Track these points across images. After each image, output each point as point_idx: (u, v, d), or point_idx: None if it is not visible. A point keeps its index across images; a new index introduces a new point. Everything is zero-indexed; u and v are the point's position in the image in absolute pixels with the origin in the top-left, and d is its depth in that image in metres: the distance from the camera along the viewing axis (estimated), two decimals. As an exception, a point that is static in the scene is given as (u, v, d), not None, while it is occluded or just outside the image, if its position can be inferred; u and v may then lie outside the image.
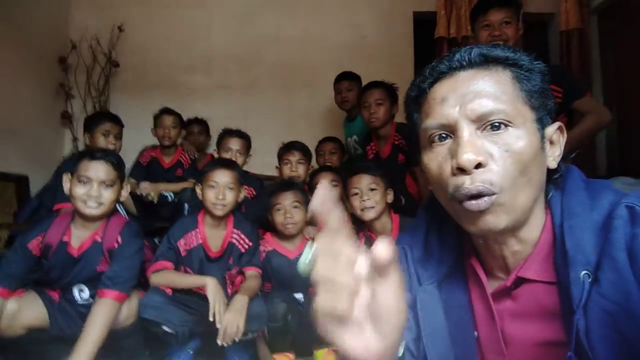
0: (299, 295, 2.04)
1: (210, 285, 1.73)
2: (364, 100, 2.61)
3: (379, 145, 2.68)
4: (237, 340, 1.67)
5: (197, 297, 1.83)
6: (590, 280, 0.58)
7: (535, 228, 0.67)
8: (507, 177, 0.61)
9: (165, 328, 1.78)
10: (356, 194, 1.93)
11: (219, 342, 1.64)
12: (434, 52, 3.48)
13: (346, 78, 3.00)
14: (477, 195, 0.62)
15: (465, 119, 0.63)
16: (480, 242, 0.72)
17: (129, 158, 2.98)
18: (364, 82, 3.03)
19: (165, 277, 1.85)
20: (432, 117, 0.67)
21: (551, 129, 0.67)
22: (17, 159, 2.76)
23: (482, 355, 0.72)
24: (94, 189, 1.67)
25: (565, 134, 0.70)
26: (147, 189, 2.55)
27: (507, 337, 0.69)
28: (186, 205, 2.54)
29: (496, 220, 0.62)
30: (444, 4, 3.53)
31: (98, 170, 1.68)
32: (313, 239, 2.10)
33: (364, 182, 1.92)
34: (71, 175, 1.72)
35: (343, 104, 3.03)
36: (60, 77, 3.46)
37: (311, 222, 2.18)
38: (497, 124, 0.62)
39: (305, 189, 2.25)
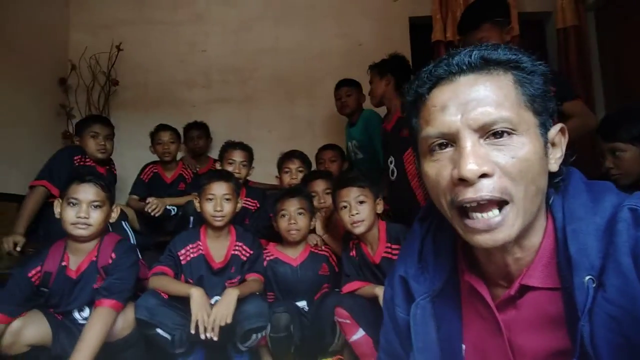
0: (302, 304, 2.03)
1: (195, 296, 1.74)
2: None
3: (387, 120, 2.68)
4: (224, 324, 1.68)
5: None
6: (594, 285, 0.57)
7: (537, 234, 0.66)
8: (518, 185, 0.60)
9: (160, 331, 1.79)
10: (345, 207, 1.87)
11: (209, 335, 1.66)
12: (432, 56, 3.46)
13: (345, 84, 3.05)
14: (484, 207, 0.60)
15: (468, 128, 0.61)
16: (481, 252, 0.70)
17: (130, 174, 3.01)
18: (364, 89, 3.05)
19: (161, 280, 1.87)
20: (432, 126, 0.65)
21: (553, 131, 0.66)
22: (18, 179, 2.77)
23: None
24: (82, 210, 1.71)
25: (567, 136, 0.68)
26: (155, 204, 2.54)
27: (515, 348, 0.67)
28: (192, 218, 2.53)
29: (505, 235, 0.61)
30: (439, 8, 3.52)
31: (87, 192, 1.73)
32: (317, 248, 2.09)
33: (352, 195, 1.86)
34: (61, 199, 1.76)
35: (343, 109, 3.08)
36: (61, 98, 3.49)
37: (314, 230, 2.17)
38: (500, 132, 0.60)
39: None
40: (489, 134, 0.61)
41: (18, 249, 2.10)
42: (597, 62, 3.50)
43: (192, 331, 1.68)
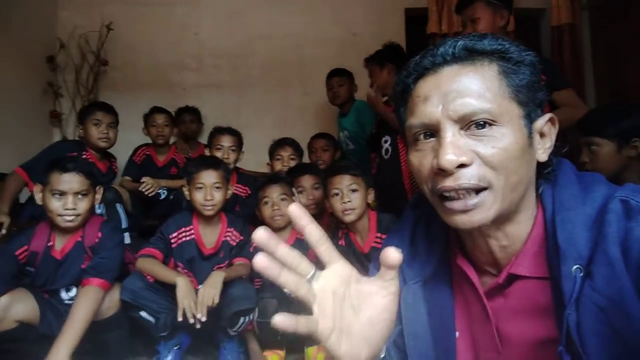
0: (289, 290, 2.02)
1: (181, 284, 1.73)
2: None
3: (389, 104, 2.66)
4: (211, 304, 1.69)
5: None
6: (582, 274, 0.57)
7: (525, 223, 0.66)
8: (498, 174, 0.60)
9: (143, 314, 1.80)
10: (337, 194, 1.88)
11: (198, 316, 1.66)
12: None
13: (337, 74, 3.04)
14: (462, 194, 0.61)
15: (448, 119, 0.61)
16: (466, 237, 0.71)
17: (120, 157, 2.97)
18: (357, 78, 3.04)
19: (148, 264, 1.85)
20: (415, 116, 0.65)
21: (541, 122, 0.65)
22: (5, 158, 2.72)
23: (472, 354, 0.71)
24: (69, 202, 1.68)
25: (557, 126, 0.68)
26: (149, 184, 2.51)
27: (503, 335, 0.68)
28: (184, 203, 2.52)
29: (481, 217, 0.61)
30: (434, 1, 3.52)
31: (71, 182, 1.69)
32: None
33: (344, 182, 1.87)
34: (43, 186, 1.72)
35: (334, 99, 3.07)
36: (49, 76, 3.41)
37: None
38: (481, 123, 0.61)
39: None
40: (469, 125, 0.61)
41: (3, 231, 2.05)
42: (590, 60, 3.54)
43: (180, 319, 1.67)
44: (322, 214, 2.33)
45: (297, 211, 0.51)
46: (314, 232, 0.52)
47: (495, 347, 0.68)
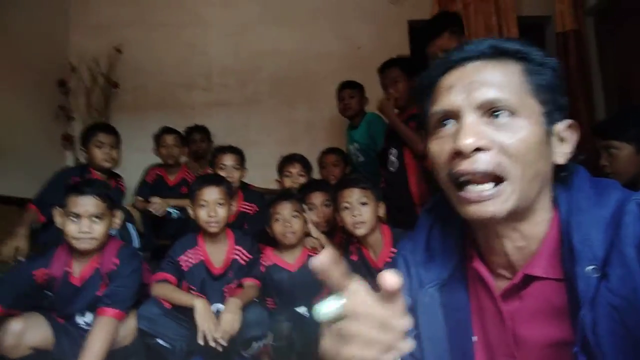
0: (302, 309, 2.02)
1: (198, 307, 1.73)
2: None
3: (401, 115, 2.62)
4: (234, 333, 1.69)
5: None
6: (597, 275, 0.58)
7: (541, 224, 0.67)
8: (515, 163, 0.62)
9: (160, 341, 1.78)
10: (347, 208, 1.87)
11: (220, 342, 1.66)
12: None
13: (349, 86, 3.05)
14: (478, 180, 0.62)
15: (469, 106, 0.64)
16: (481, 238, 0.71)
17: (132, 177, 3.01)
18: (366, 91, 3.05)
19: (163, 289, 1.85)
20: (438, 104, 0.68)
21: (561, 126, 0.67)
22: (19, 182, 2.76)
23: (488, 358, 0.71)
24: (84, 225, 1.69)
25: (578, 132, 0.69)
26: (158, 204, 2.53)
27: (518, 339, 0.68)
28: (192, 222, 2.53)
29: (495, 209, 0.62)
30: (437, 13, 3.54)
31: (87, 204, 1.70)
32: (315, 251, 2.06)
33: (354, 196, 1.87)
34: (61, 210, 1.74)
35: (345, 111, 3.07)
36: (61, 100, 3.47)
37: (310, 233, 2.16)
38: (501, 112, 0.63)
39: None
40: (489, 113, 0.63)
41: (21, 258, 2.03)
42: (597, 65, 3.51)
43: (201, 342, 1.66)
44: (334, 231, 2.33)
45: (321, 267, 0.46)
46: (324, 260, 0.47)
47: (510, 352, 0.68)
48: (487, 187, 0.62)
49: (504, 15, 3.53)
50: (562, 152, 0.67)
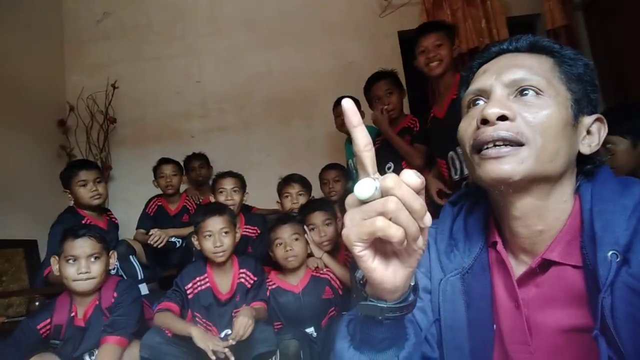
0: (310, 330, 2.00)
1: (195, 334, 1.71)
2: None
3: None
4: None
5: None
6: (618, 260, 0.58)
7: (562, 211, 0.68)
8: (537, 135, 0.64)
9: None
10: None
11: (232, 341, 1.67)
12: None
13: None
14: (499, 144, 0.64)
15: (499, 84, 0.69)
16: (504, 221, 0.72)
17: (135, 210, 3.02)
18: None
19: (163, 318, 1.85)
20: (471, 85, 0.74)
21: (589, 119, 0.70)
22: (23, 223, 2.79)
23: (503, 346, 0.71)
24: (82, 266, 1.75)
25: (605, 127, 0.72)
26: (157, 235, 2.54)
27: (532, 326, 0.69)
28: (194, 250, 2.52)
29: (511, 167, 0.63)
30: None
31: (83, 246, 1.77)
32: (318, 271, 2.02)
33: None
34: (58, 257, 1.80)
35: (343, 126, 3.03)
36: (61, 139, 3.53)
37: (311, 254, 2.14)
38: (528, 91, 0.67)
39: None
40: (518, 92, 0.67)
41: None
42: (591, 59, 3.48)
43: (213, 358, 1.65)
44: (337, 250, 2.30)
45: (352, 108, 0.48)
46: (361, 137, 0.48)
47: (525, 339, 0.68)
48: (507, 148, 0.64)
49: (493, 18, 3.55)
50: (588, 143, 0.70)
